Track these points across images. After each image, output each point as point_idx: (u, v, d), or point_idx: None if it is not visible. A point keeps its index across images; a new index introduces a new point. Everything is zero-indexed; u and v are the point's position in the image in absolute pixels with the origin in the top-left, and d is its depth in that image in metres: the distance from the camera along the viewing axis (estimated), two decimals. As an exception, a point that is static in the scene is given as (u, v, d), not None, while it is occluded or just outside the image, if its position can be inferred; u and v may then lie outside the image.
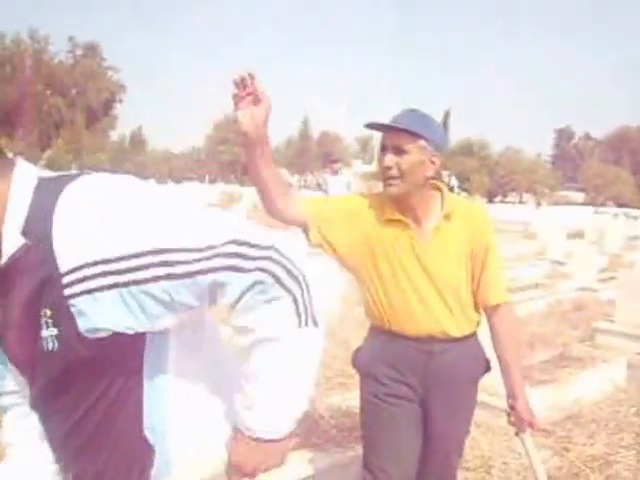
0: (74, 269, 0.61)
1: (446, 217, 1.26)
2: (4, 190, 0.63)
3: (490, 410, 2.27)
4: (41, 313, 0.63)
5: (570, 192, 38.55)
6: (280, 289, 0.63)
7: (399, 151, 1.20)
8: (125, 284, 0.61)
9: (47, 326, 0.63)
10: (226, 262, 0.62)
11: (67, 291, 0.61)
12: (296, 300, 0.64)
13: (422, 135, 1.20)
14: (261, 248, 0.63)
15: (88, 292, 0.61)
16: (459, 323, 1.29)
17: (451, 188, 8.89)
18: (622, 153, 42.83)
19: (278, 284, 0.63)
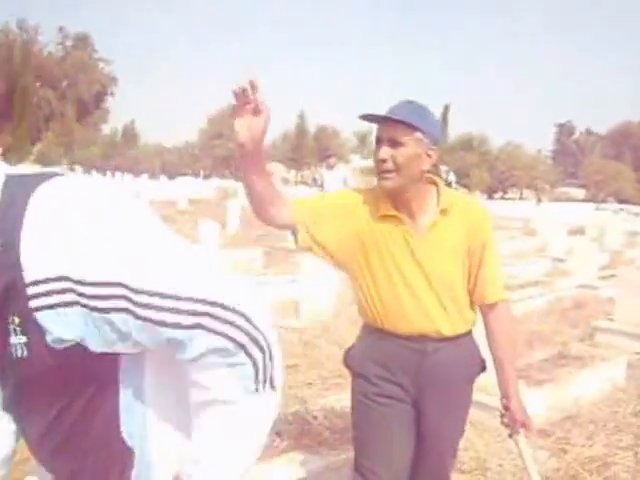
0: (39, 281, 0.59)
1: (442, 212, 1.24)
2: None
3: (487, 410, 2.26)
4: (9, 320, 0.61)
5: (571, 188, 38.71)
6: (243, 356, 0.62)
7: (395, 143, 1.18)
8: (88, 307, 0.60)
9: (16, 333, 0.62)
10: (194, 320, 0.60)
11: (32, 303, 0.60)
12: (257, 366, 0.63)
13: (419, 127, 1.17)
14: (233, 312, 0.61)
15: (52, 307, 0.60)
16: (454, 322, 1.27)
17: (449, 184, 8.88)
18: (623, 148, 42.98)
19: (242, 351, 0.62)
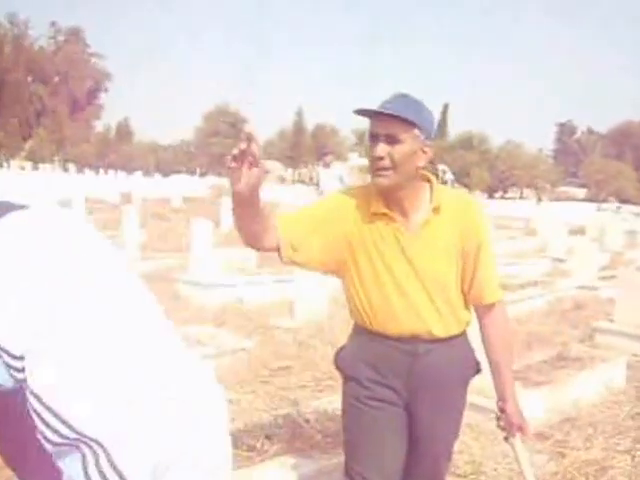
0: None
1: (435, 210, 1.22)
2: None
3: (484, 413, 2.25)
4: None
5: (571, 188, 38.82)
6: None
7: (392, 140, 1.15)
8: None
9: None
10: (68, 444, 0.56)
11: None
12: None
13: (416, 123, 1.15)
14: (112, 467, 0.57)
15: None
16: (446, 323, 1.25)
17: (444, 182, 8.87)
18: (625, 148, 43.14)
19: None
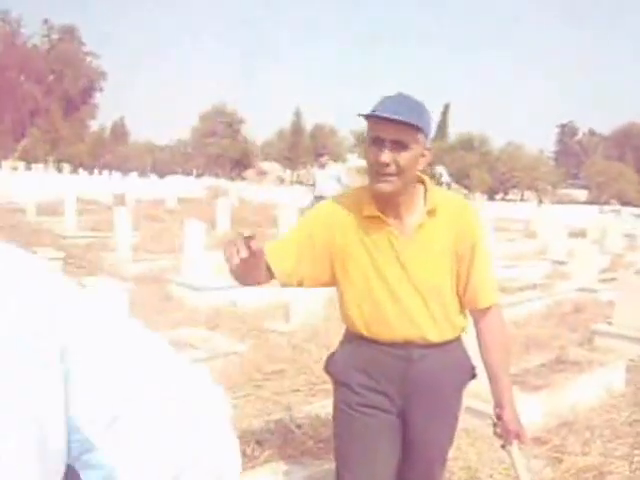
0: None
1: (430, 213, 1.21)
2: None
3: (481, 417, 2.24)
4: None
5: (573, 190, 38.93)
6: None
7: (399, 146, 1.13)
8: None
9: None
10: None
11: None
12: None
13: (420, 128, 1.14)
14: None
15: None
16: (441, 328, 1.24)
17: (440, 184, 8.88)
18: (626, 149, 43.31)
19: None
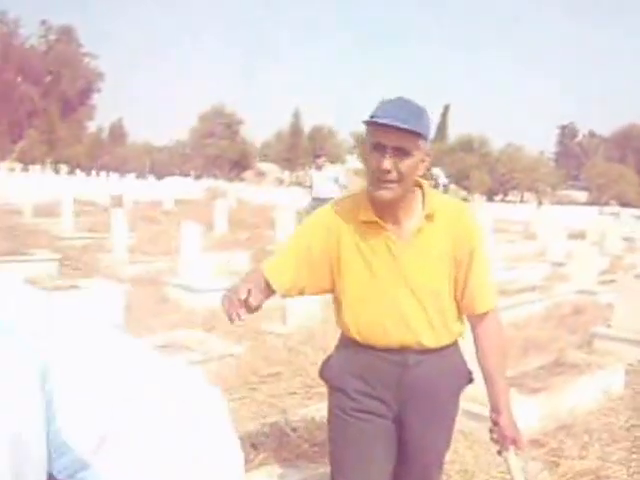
0: None
1: (428, 217, 1.20)
2: None
3: (479, 420, 2.23)
4: None
5: (573, 191, 38.99)
6: None
7: (401, 152, 1.12)
8: None
9: None
10: None
11: None
12: None
13: (422, 134, 1.13)
14: None
15: None
16: (438, 334, 1.23)
17: (437, 186, 8.87)
18: (627, 151, 43.41)
19: None
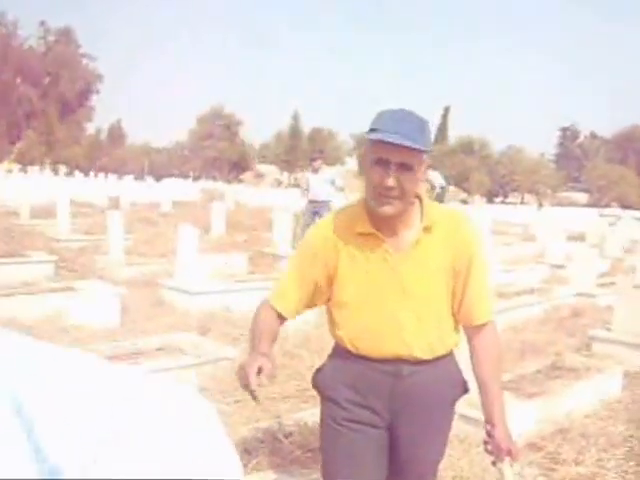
0: None
1: (426, 229, 1.20)
2: None
3: (474, 424, 2.22)
4: None
5: (573, 193, 39.02)
6: None
7: (404, 168, 1.12)
8: None
9: None
10: None
11: None
12: None
13: (426, 150, 1.13)
14: None
15: None
16: (433, 347, 1.22)
17: (434, 188, 8.86)
18: (628, 152, 43.47)
19: None
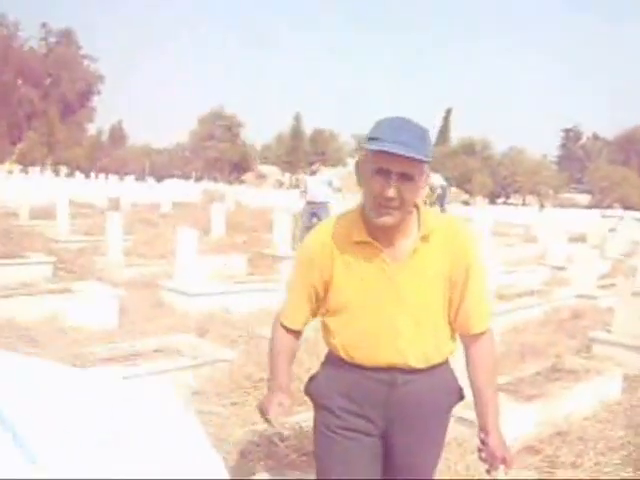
0: None
1: (423, 238, 1.19)
2: None
3: (472, 427, 2.21)
4: None
5: (576, 194, 38.96)
6: None
7: (405, 178, 1.11)
8: None
9: None
10: None
11: None
12: None
13: (427, 160, 1.12)
14: None
15: None
16: (429, 356, 1.22)
17: (434, 190, 8.85)
18: (631, 154, 43.41)
19: None
